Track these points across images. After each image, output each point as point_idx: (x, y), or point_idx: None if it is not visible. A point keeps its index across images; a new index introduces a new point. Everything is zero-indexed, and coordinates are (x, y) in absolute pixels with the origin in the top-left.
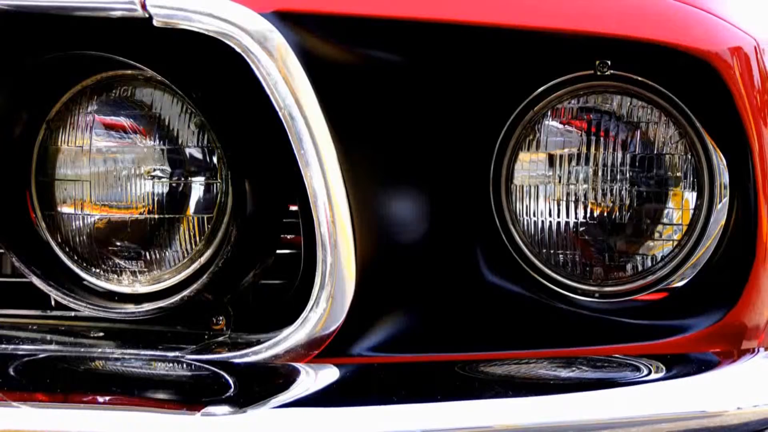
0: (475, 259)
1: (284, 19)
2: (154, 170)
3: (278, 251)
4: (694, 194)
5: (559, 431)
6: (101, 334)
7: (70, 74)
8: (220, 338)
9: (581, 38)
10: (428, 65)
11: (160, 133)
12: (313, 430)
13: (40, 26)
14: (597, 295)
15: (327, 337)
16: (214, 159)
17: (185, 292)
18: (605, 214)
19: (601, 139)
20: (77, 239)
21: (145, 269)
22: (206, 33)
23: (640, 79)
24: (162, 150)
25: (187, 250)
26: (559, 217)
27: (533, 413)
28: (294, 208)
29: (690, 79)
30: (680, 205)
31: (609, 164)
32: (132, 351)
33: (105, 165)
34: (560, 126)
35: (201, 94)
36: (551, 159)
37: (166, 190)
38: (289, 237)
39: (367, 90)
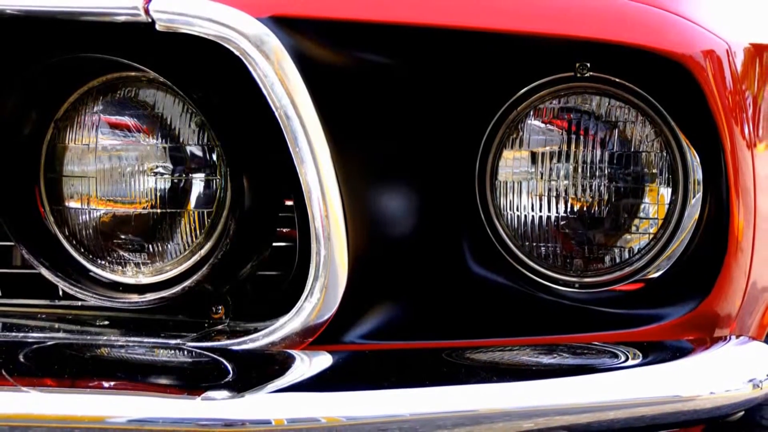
0: (461, 252)
1: (280, 24)
2: (157, 167)
3: (274, 244)
4: (669, 190)
5: (541, 415)
6: (106, 322)
7: (77, 76)
8: (220, 326)
9: (562, 42)
10: (417, 67)
11: (163, 131)
12: (307, 413)
13: (48, 30)
14: (577, 285)
15: (321, 325)
16: (214, 156)
17: (186, 283)
18: (585, 208)
19: (581, 137)
20: (84, 232)
21: (148, 261)
22: (206, 37)
23: (618, 80)
24: (164, 148)
25: (187, 242)
26: (541, 211)
27: (516, 398)
28: (289, 203)
29: (665, 81)
30: (656, 200)
31: (588, 161)
32: (135, 339)
33: (110, 162)
34: (542, 125)
35: (201, 94)
36: (534, 156)
37: (168, 185)
38: (284, 230)
39: (359, 91)
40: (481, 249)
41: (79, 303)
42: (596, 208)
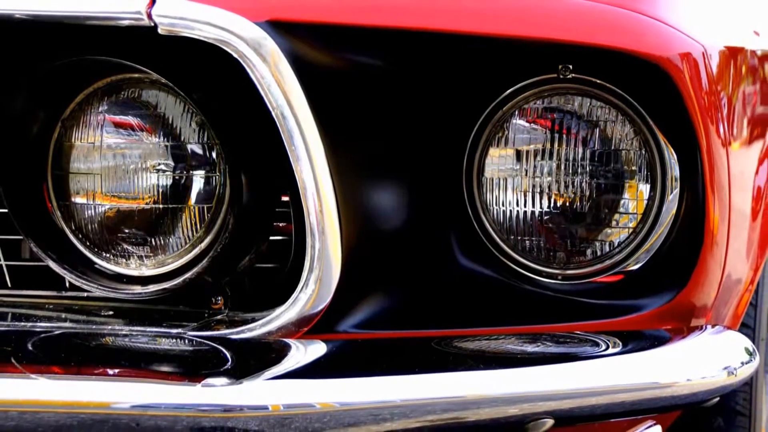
0: (449, 245)
1: (277, 28)
2: (159, 164)
3: (271, 238)
4: (648, 186)
5: (526, 400)
6: (111, 312)
7: (83, 77)
8: (219, 316)
9: (546, 45)
10: (407, 69)
11: (164, 130)
12: (303, 399)
13: (55, 33)
14: (560, 277)
15: (315, 315)
16: (214, 154)
17: (187, 275)
18: (567, 204)
19: (564, 136)
20: (89, 227)
21: (151, 254)
22: (206, 40)
23: (599, 81)
24: (166, 146)
25: (188, 236)
26: (525, 206)
27: (502, 384)
28: (286, 198)
29: (644, 82)
30: (635, 196)
31: (571, 159)
32: (139, 328)
33: (114, 160)
34: (527, 124)
35: (201, 95)
36: (518, 154)
37: (169, 182)
38: (281, 225)
39: (352, 91)
40: (468, 242)
41: (85, 294)
42: (578, 204)
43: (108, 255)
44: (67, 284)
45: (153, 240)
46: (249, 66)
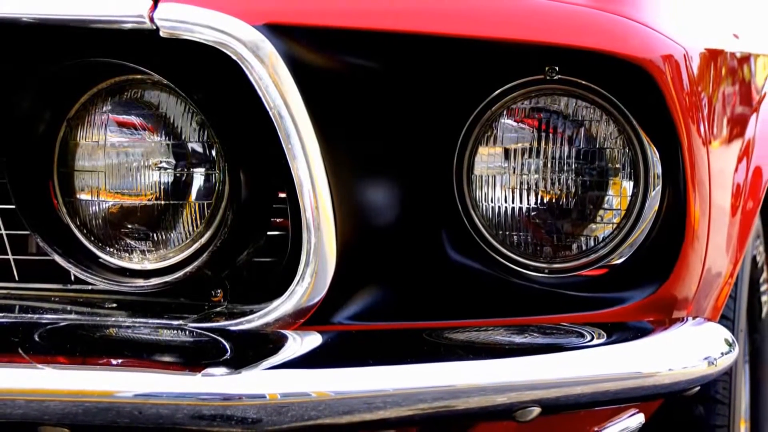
0: (440, 241)
1: (274, 31)
2: (161, 162)
3: (269, 233)
4: (631, 183)
5: (513, 390)
6: (114, 305)
7: (88, 78)
8: (218, 309)
9: (533, 47)
10: (400, 71)
11: (166, 130)
12: (299, 388)
13: (61, 36)
14: (546, 271)
15: (311, 307)
16: (213, 152)
17: (188, 269)
18: (554, 200)
19: (551, 135)
20: (94, 222)
21: (153, 248)
22: (206, 42)
23: (584, 82)
24: (167, 145)
25: (189, 231)
26: (513, 203)
27: (491, 374)
28: (283, 195)
29: (628, 83)
30: (619, 193)
31: (557, 157)
32: (141, 320)
33: (118, 158)
34: (514, 124)
35: (201, 95)
36: (507, 152)
37: (171, 179)
38: (278, 220)
39: (347, 92)
40: (458, 238)
41: (90, 287)
42: (564, 200)
43: (112, 249)
44: (72, 278)
45: (155, 235)
46: (247, 68)
